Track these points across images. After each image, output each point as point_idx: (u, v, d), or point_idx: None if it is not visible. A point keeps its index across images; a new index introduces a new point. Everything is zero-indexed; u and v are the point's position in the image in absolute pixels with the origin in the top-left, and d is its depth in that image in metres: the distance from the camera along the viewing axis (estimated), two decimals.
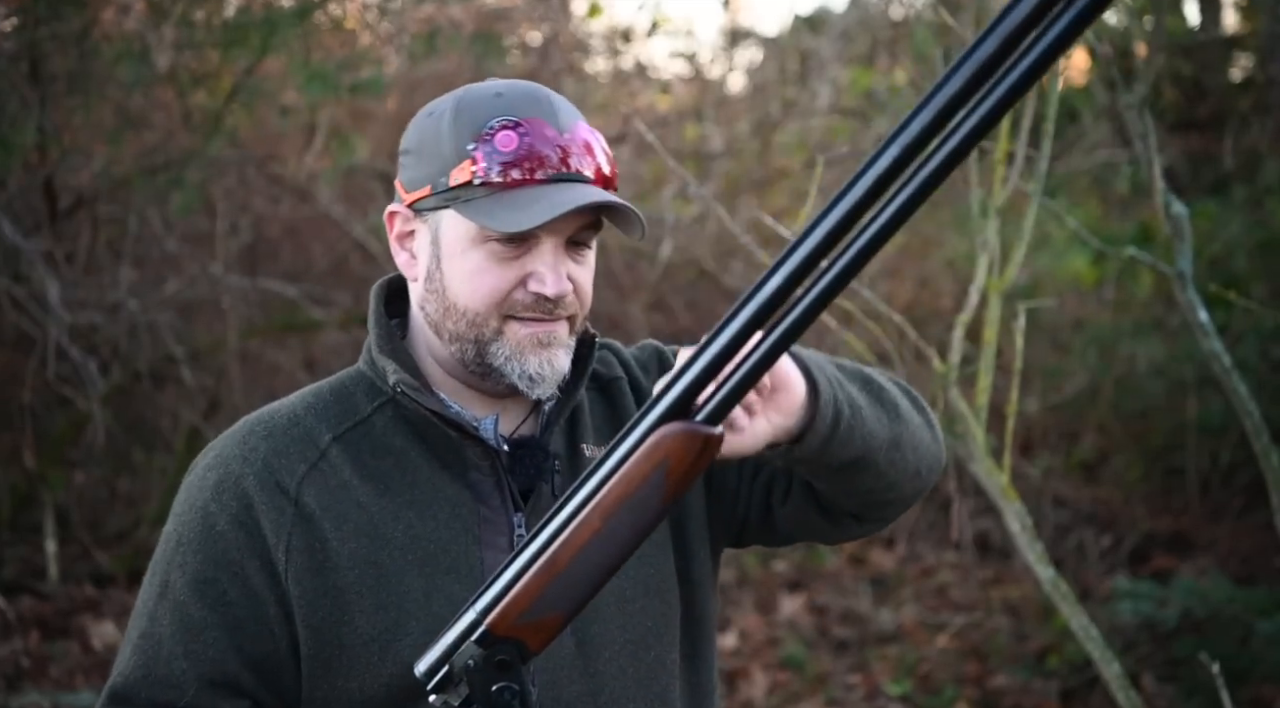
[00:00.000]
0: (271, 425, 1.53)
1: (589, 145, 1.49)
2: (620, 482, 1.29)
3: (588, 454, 1.59)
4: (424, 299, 1.53)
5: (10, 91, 4.05)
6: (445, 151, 1.47)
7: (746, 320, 1.24)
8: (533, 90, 1.50)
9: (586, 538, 1.30)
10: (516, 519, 1.52)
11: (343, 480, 1.49)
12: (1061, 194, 5.40)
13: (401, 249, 1.55)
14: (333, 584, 1.46)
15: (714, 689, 1.68)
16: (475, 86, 1.52)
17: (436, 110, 1.51)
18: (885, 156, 1.18)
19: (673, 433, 1.27)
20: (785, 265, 1.21)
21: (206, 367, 4.97)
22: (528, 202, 1.43)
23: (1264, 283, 4.81)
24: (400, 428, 1.53)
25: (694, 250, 5.87)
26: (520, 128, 1.45)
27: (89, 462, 4.77)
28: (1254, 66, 5.98)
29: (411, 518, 1.49)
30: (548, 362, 1.49)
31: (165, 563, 1.50)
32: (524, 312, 1.48)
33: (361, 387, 1.56)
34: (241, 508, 1.47)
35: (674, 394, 1.27)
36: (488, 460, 1.52)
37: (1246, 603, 3.90)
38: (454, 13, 5.07)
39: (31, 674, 3.94)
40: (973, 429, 2.55)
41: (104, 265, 4.71)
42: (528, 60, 5.75)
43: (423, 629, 1.45)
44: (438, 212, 1.49)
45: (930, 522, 5.51)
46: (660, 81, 6.64)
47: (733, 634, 4.78)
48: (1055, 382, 5.61)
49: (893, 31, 6.20)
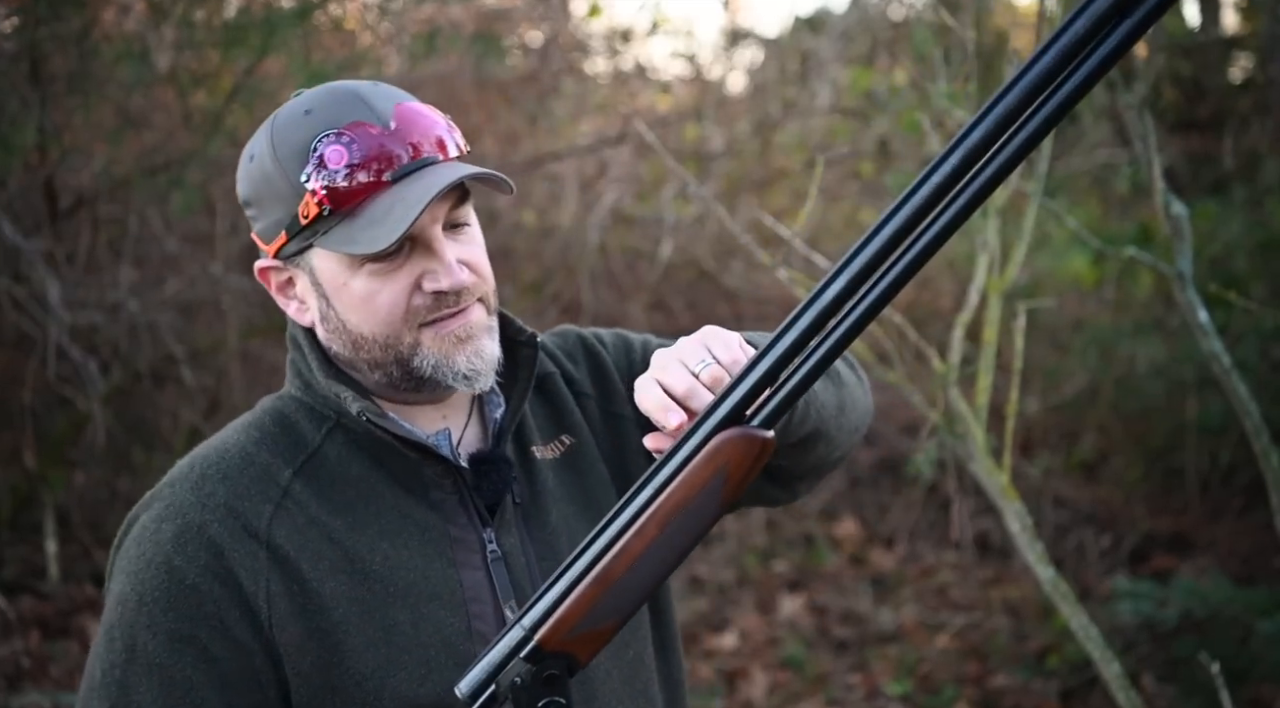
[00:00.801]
0: (225, 467, 1.44)
1: (420, 124, 1.41)
2: (679, 488, 1.29)
3: (538, 457, 1.57)
4: (329, 340, 1.48)
5: (10, 91, 4.05)
6: (283, 191, 1.40)
7: (804, 329, 1.25)
8: (341, 93, 1.43)
9: (643, 547, 1.30)
10: (487, 535, 1.49)
11: (311, 516, 1.43)
12: (1061, 194, 5.39)
13: (287, 300, 1.49)
14: (318, 626, 1.40)
15: (684, 678, 1.68)
16: (282, 112, 1.45)
17: (255, 152, 1.44)
18: (945, 166, 1.18)
19: (731, 438, 1.28)
20: (842, 276, 1.23)
21: (206, 367, 4.97)
22: (383, 211, 1.37)
23: (1264, 283, 4.81)
24: (355, 455, 1.47)
25: (694, 250, 5.87)
26: (344, 136, 1.38)
27: (89, 462, 4.77)
28: (1254, 67, 5.97)
29: (385, 549, 1.44)
30: (475, 354, 1.45)
31: (128, 626, 1.39)
32: (430, 315, 1.43)
33: (303, 414, 1.49)
34: (212, 558, 1.38)
35: (732, 401, 1.28)
36: (448, 478, 1.48)
37: (1246, 603, 3.90)
38: (454, 13, 5.07)
39: (32, 674, 3.94)
40: (973, 429, 2.55)
41: (104, 265, 4.71)
42: (528, 60, 5.75)
43: (415, 661, 1.41)
44: (304, 253, 1.43)
45: (930, 522, 5.51)
46: (660, 82, 6.64)
47: (733, 634, 4.78)
48: (1055, 382, 5.61)
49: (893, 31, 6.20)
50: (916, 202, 1.20)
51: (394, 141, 1.39)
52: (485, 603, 1.46)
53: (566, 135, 6.08)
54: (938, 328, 4.90)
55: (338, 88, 1.44)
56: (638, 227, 6.03)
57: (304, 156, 1.39)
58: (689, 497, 1.29)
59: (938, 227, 1.22)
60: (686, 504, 1.29)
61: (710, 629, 4.86)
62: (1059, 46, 1.13)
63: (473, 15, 5.29)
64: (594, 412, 1.65)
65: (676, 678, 1.66)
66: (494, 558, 1.48)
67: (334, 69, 4.29)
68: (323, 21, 4.79)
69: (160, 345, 4.64)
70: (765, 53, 6.92)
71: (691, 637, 4.79)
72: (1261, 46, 5.63)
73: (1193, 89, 5.89)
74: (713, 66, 6.74)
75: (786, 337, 1.26)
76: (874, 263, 1.23)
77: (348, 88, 1.44)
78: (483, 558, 1.48)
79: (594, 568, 1.30)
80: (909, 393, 2.66)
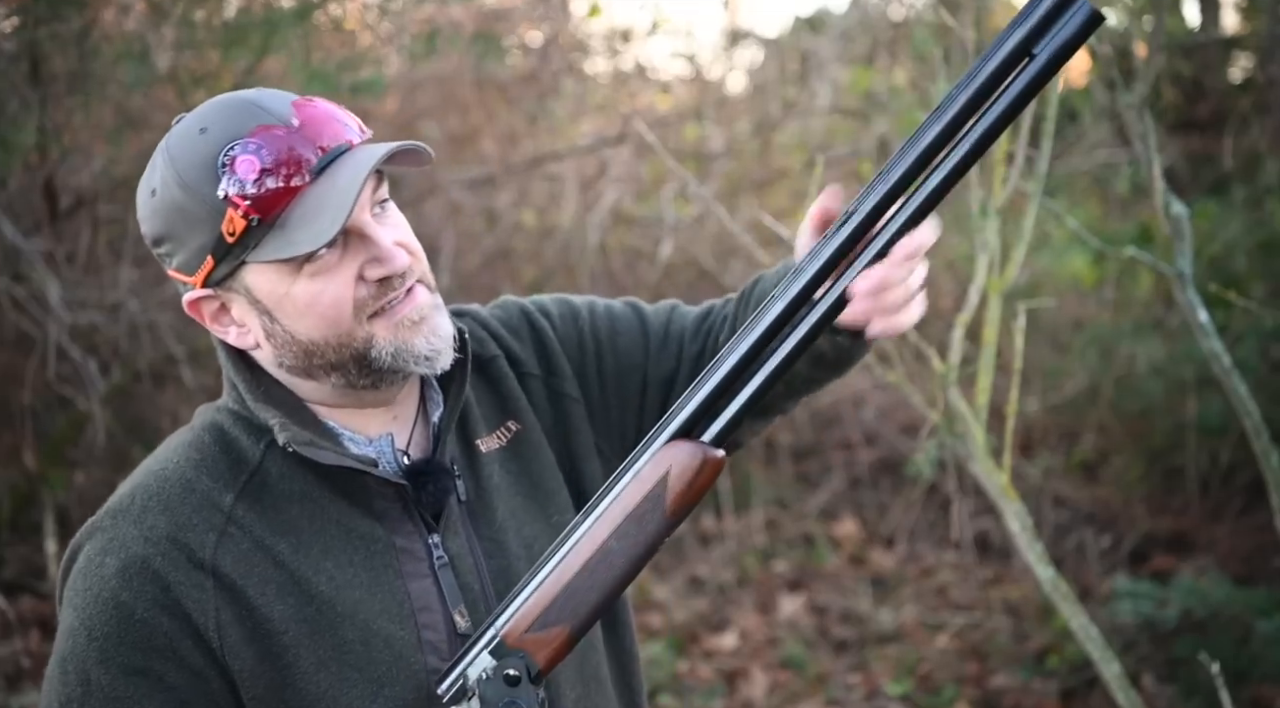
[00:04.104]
0: (165, 497, 1.42)
1: (320, 115, 1.39)
2: (626, 494, 1.31)
3: (483, 450, 1.56)
4: (278, 357, 1.44)
5: (10, 91, 4.05)
6: (199, 215, 1.36)
7: (751, 345, 1.27)
8: (233, 104, 1.39)
9: (591, 552, 1.32)
10: (433, 540, 1.48)
11: (255, 540, 1.41)
12: (1061, 194, 5.40)
13: (225, 328, 1.46)
14: (269, 650, 1.39)
15: (637, 654, 1.67)
16: (173, 136, 1.40)
17: (156, 185, 1.40)
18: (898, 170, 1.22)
19: (675, 447, 1.30)
20: (785, 295, 1.27)
21: (206, 367, 4.96)
22: (315, 207, 1.34)
23: (1264, 283, 4.81)
24: (295, 469, 1.44)
25: (694, 250, 5.87)
26: (250, 143, 1.35)
27: (89, 462, 4.77)
28: (1254, 67, 5.97)
29: (330, 568, 1.42)
30: (432, 333, 1.44)
31: (79, 659, 1.38)
32: (377, 303, 1.41)
33: (240, 428, 1.47)
34: (159, 591, 1.37)
35: (684, 415, 1.30)
36: (391, 487, 1.46)
37: (1246, 603, 3.90)
38: (454, 13, 5.07)
39: (32, 674, 3.94)
40: (973, 429, 2.55)
41: (104, 265, 4.70)
42: (528, 60, 5.75)
43: (366, 678, 1.41)
44: (236, 274, 1.40)
45: (930, 522, 5.51)
46: (660, 82, 6.64)
47: (733, 634, 4.78)
48: (1055, 382, 5.61)
49: (893, 31, 6.19)
50: (858, 220, 1.23)
51: (302, 138, 1.36)
52: (435, 612, 1.46)
53: (566, 135, 6.07)
54: (938, 328, 4.89)
55: (226, 100, 1.40)
56: (638, 227, 6.02)
57: (214, 173, 1.34)
58: (635, 503, 1.30)
59: (880, 243, 1.24)
60: (633, 510, 1.30)
61: (710, 629, 4.86)
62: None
63: (473, 15, 5.28)
64: (539, 391, 1.63)
65: (631, 653, 1.66)
66: (441, 564, 1.47)
67: (334, 69, 4.29)
68: (323, 21, 4.79)
69: (160, 345, 4.63)
70: (765, 53, 6.92)
71: (691, 637, 4.79)
72: (1261, 46, 5.63)
73: (1193, 89, 5.89)
74: (713, 66, 6.74)
75: (737, 351, 1.27)
76: (821, 275, 1.25)
77: (236, 98, 1.40)
78: (430, 565, 1.47)
79: (546, 565, 1.34)
80: (909, 393, 2.66)
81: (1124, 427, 5.48)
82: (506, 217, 5.67)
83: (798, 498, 5.83)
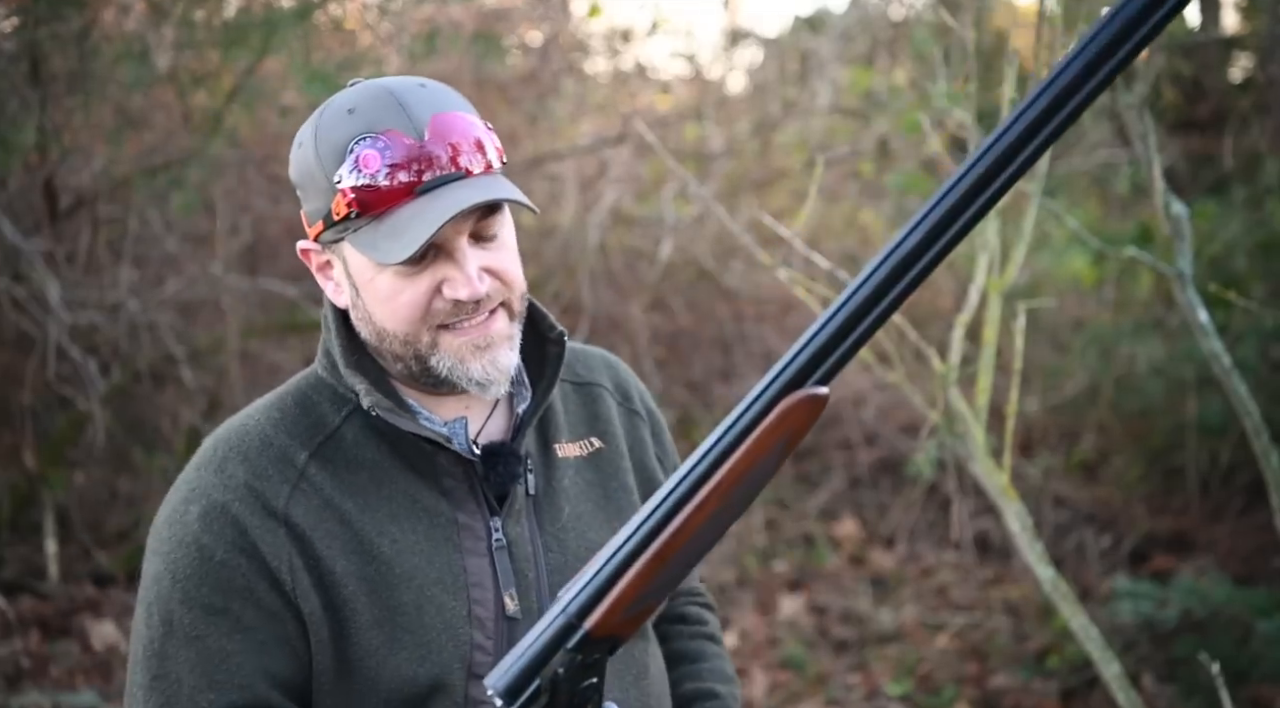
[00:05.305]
0: (244, 449, 1.50)
1: (453, 136, 1.44)
2: (744, 457, 1.26)
3: (559, 454, 1.61)
4: (359, 326, 1.53)
5: (10, 91, 4.05)
6: (320, 184, 1.45)
7: (873, 290, 1.23)
8: (384, 96, 1.45)
9: (701, 521, 1.27)
10: (493, 523, 1.53)
11: (325, 498, 1.48)
12: (1061, 194, 5.40)
13: (327, 280, 1.54)
14: (331, 601, 1.46)
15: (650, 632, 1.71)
16: (332, 103, 1.48)
17: (304, 140, 1.48)
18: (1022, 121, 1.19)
19: (800, 401, 1.25)
20: (918, 230, 1.21)
21: (206, 367, 4.97)
22: (405, 223, 1.40)
23: (1264, 283, 4.81)
24: (371, 438, 1.52)
25: (694, 250, 5.87)
26: (380, 141, 1.41)
27: (89, 462, 4.77)
28: (1254, 66, 5.97)
29: (394, 532, 1.49)
30: (491, 363, 1.49)
31: (163, 601, 1.46)
32: (450, 319, 1.47)
33: (325, 395, 1.55)
34: (237, 534, 1.45)
35: (798, 365, 1.25)
36: (460, 466, 1.52)
37: (1246, 603, 3.90)
38: (454, 13, 5.07)
39: (32, 674, 3.94)
40: (973, 429, 2.55)
41: (104, 265, 4.71)
42: (528, 60, 5.75)
43: (416, 642, 1.46)
44: (338, 243, 1.48)
45: (930, 522, 5.51)
46: (660, 82, 6.64)
47: (733, 634, 4.78)
48: (1055, 382, 5.61)
49: (893, 31, 6.21)
50: (989, 160, 1.19)
51: (425, 153, 1.42)
52: (486, 589, 1.51)
53: (566, 135, 6.08)
54: (938, 328, 4.89)
55: (383, 88, 1.46)
56: (638, 227, 6.03)
57: (341, 156, 1.43)
58: (753, 464, 1.27)
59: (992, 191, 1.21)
60: (750, 472, 1.27)
61: None
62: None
63: (473, 15, 5.29)
64: (641, 427, 1.72)
65: (646, 632, 1.70)
66: (498, 546, 1.52)
67: (334, 69, 4.29)
68: (323, 21, 4.79)
69: (160, 345, 4.64)
70: (765, 53, 6.92)
71: None
72: (1261, 46, 5.63)
73: (1193, 89, 5.89)
74: (713, 66, 6.74)
75: (854, 299, 1.23)
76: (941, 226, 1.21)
77: (392, 91, 1.45)
78: (487, 545, 1.52)
79: (649, 546, 1.27)
80: (909, 393, 2.66)
81: (1124, 427, 5.48)
82: None
83: (798, 498, 5.83)
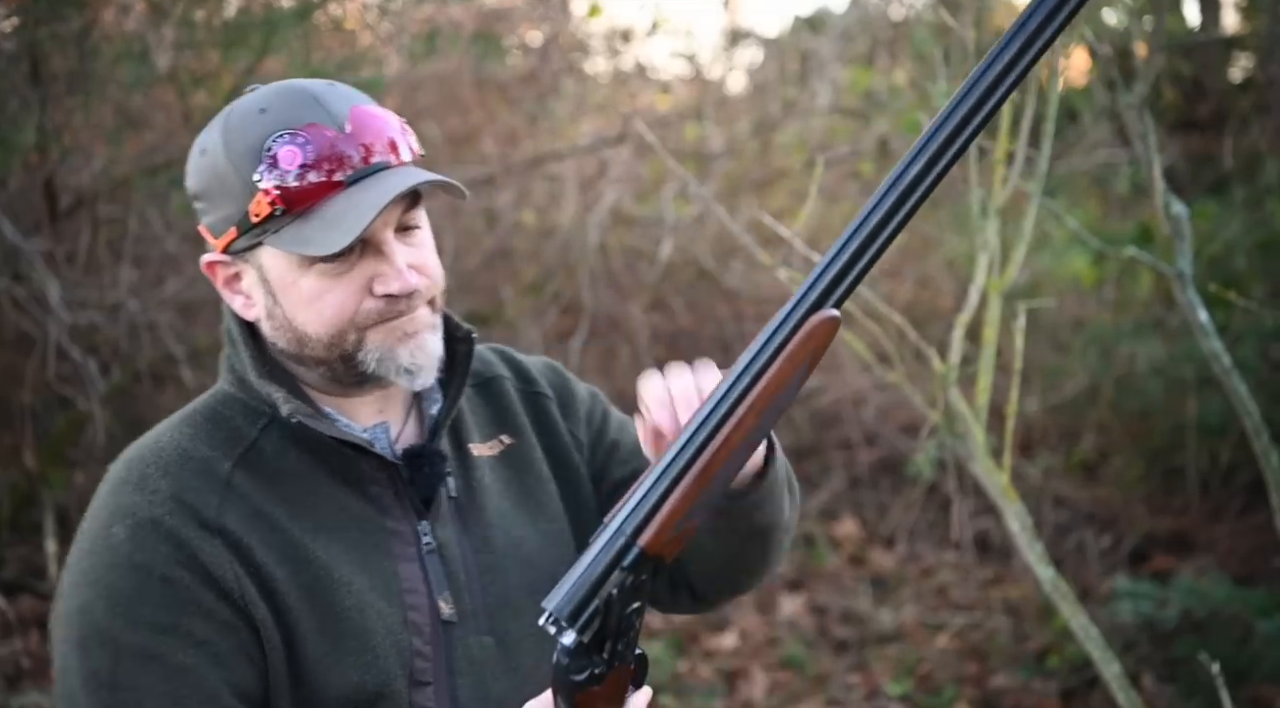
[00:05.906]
0: (163, 464, 1.43)
1: (374, 127, 1.43)
2: (777, 374, 1.30)
3: (474, 453, 1.59)
4: (274, 336, 1.48)
5: (10, 91, 4.05)
6: (234, 188, 1.40)
7: (885, 214, 1.29)
8: (297, 92, 1.43)
9: (740, 439, 1.30)
10: (422, 527, 1.50)
11: (254, 507, 1.43)
12: (1061, 194, 5.39)
13: (234, 294, 1.49)
14: (277, 607, 1.41)
15: None
16: (237, 107, 1.46)
17: (207, 146, 1.44)
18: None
19: (823, 321, 1.30)
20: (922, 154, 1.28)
21: (206, 367, 4.96)
22: (337, 214, 1.38)
23: (1264, 283, 4.81)
24: (290, 449, 1.47)
25: (694, 250, 5.87)
26: (299, 137, 1.39)
27: (89, 462, 4.76)
28: (1254, 66, 5.98)
29: (325, 540, 1.45)
30: (418, 348, 1.47)
31: (100, 632, 1.37)
32: (379, 318, 1.44)
33: (236, 410, 1.49)
34: (173, 548, 1.38)
35: (821, 288, 1.30)
36: (384, 471, 1.50)
37: (1246, 603, 3.90)
38: (454, 13, 5.07)
39: (32, 674, 3.94)
40: (973, 429, 2.55)
41: (104, 265, 4.70)
42: (528, 60, 5.75)
43: (361, 647, 1.43)
44: (254, 250, 1.43)
45: (930, 522, 5.51)
46: (660, 82, 6.64)
47: (733, 634, 4.78)
48: (1055, 382, 5.61)
49: (893, 31, 6.20)
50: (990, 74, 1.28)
51: (348, 144, 1.40)
52: (420, 594, 1.48)
53: (566, 135, 6.08)
54: (938, 328, 4.89)
55: (294, 87, 1.44)
56: (638, 227, 6.02)
57: (257, 155, 1.39)
58: (785, 382, 1.30)
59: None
60: (783, 387, 1.30)
61: (710, 629, 4.85)
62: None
63: (473, 15, 5.28)
64: (551, 412, 1.68)
65: None
66: (429, 550, 1.50)
67: (334, 69, 4.29)
68: (323, 21, 4.79)
69: (160, 345, 4.63)
70: (765, 53, 6.92)
71: (692, 637, 4.79)
72: (1261, 46, 5.64)
73: (1193, 89, 5.89)
74: (713, 66, 6.74)
75: (869, 222, 1.29)
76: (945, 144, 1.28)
77: (304, 88, 1.44)
78: (417, 550, 1.50)
79: (694, 465, 1.29)
80: (909, 393, 2.66)
81: (1124, 427, 5.48)
82: (506, 216, 5.67)
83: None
